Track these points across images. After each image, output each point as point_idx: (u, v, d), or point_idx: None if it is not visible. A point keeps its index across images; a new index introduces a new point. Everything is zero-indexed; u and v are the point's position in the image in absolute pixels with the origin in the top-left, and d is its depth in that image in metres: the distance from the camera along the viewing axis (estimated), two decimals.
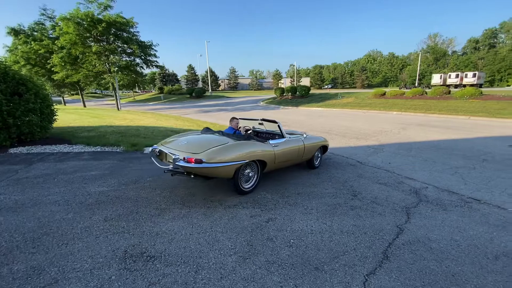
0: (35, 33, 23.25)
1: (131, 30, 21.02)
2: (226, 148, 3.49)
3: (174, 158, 3.29)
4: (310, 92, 29.83)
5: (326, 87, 75.16)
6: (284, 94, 30.54)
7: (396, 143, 7.72)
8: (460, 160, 5.76)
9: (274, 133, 4.82)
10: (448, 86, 32.92)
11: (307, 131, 6.80)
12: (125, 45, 21.11)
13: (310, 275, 2.12)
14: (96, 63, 20.72)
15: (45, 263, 2.18)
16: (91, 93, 71.10)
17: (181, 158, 3.28)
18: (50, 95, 8.45)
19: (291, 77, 71.94)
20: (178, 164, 3.26)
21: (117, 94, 23.41)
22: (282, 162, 4.26)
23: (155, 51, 22.88)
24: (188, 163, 3.21)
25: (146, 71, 28.40)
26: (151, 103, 37.37)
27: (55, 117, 7.53)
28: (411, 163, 5.60)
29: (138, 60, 22.94)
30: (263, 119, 4.81)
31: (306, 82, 65.73)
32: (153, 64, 23.76)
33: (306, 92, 28.58)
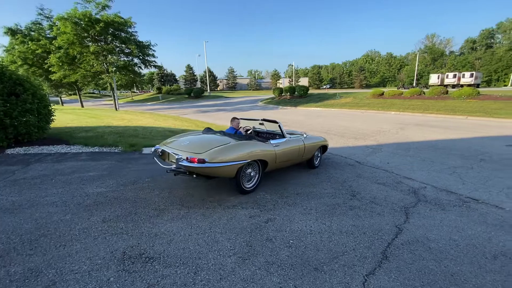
0: (32, 33, 23.13)
1: (129, 30, 20.98)
2: (228, 148, 3.51)
3: (177, 158, 3.32)
4: (308, 92, 29.90)
5: (325, 87, 75.36)
6: (283, 94, 30.57)
7: (394, 143, 7.74)
8: (458, 160, 5.78)
9: (274, 133, 4.84)
10: (446, 86, 33.15)
11: (306, 131, 6.80)
12: (123, 45, 21.07)
13: (310, 276, 2.12)
14: (94, 63, 20.64)
15: (42, 265, 2.17)
16: (89, 93, 70.88)
17: (184, 158, 3.31)
18: (48, 95, 8.39)
19: (289, 77, 72.00)
20: (181, 164, 3.29)
21: (115, 94, 23.33)
22: (283, 161, 4.28)
23: (153, 51, 22.92)
24: (191, 163, 3.24)
25: (144, 71, 28.32)
26: (149, 103, 37.30)
27: (52, 117, 7.49)
28: (409, 163, 5.62)
29: (136, 60, 22.91)
30: (263, 119, 4.82)
31: (304, 82, 65.78)
32: (151, 64, 23.74)
33: (305, 92, 28.64)
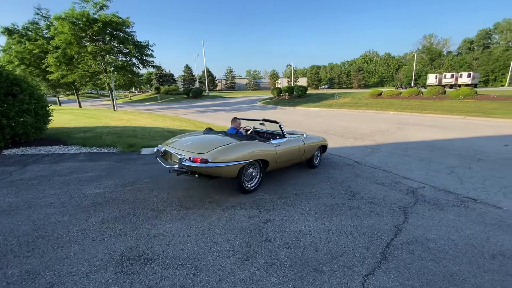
0: (30, 32, 22.93)
1: (127, 30, 20.87)
2: (230, 148, 3.53)
3: (180, 158, 3.34)
4: (307, 92, 29.94)
5: (323, 87, 75.48)
6: (281, 94, 30.58)
7: (392, 143, 7.77)
8: (456, 160, 5.81)
9: (274, 133, 4.87)
10: (444, 86, 33.31)
11: (305, 131, 6.80)
12: (121, 45, 20.96)
13: (309, 277, 2.12)
14: (91, 63, 20.52)
15: (40, 267, 2.15)
16: (87, 93, 70.54)
17: (186, 158, 3.33)
18: (45, 96, 8.35)
19: (288, 77, 72.12)
20: (184, 164, 3.31)
21: (113, 95, 23.21)
22: (283, 161, 4.30)
23: (152, 51, 22.82)
24: (194, 163, 3.26)
25: (143, 71, 28.27)
26: (147, 104, 37.20)
27: (50, 117, 7.43)
28: (407, 163, 5.63)
29: (134, 60, 22.79)
30: (264, 120, 4.84)
31: (303, 82, 65.87)
32: (149, 64, 23.63)
33: (303, 92, 28.68)
